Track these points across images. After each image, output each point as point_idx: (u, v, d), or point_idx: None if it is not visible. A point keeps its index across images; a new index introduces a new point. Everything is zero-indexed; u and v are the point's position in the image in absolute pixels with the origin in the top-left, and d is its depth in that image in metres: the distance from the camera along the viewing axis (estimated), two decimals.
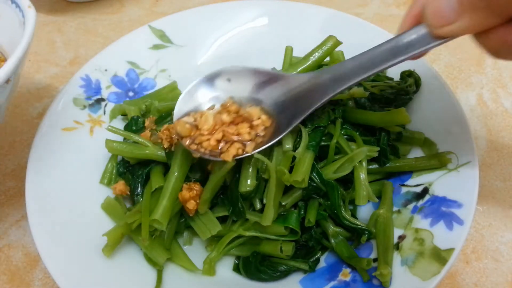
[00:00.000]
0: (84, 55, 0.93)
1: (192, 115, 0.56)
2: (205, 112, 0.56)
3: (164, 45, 0.79)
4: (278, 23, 0.80)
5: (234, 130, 0.53)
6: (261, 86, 0.58)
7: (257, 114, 0.55)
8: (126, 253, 0.57)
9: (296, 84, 0.56)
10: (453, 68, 0.85)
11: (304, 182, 0.52)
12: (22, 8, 0.59)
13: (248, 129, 0.53)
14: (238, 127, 0.54)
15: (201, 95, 0.58)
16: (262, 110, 0.56)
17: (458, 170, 0.56)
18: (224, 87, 0.59)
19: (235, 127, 0.53)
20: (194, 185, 0.55)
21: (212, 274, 0.57)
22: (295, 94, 0.56)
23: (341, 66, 0.53)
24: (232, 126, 0.53)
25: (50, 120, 0.65)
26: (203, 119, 0.54)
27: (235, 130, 0.53)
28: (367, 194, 0.55)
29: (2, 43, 0.63)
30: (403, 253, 0.52)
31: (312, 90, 0.55)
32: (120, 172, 0.64)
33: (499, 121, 0.76)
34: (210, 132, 0.53)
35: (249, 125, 0.54)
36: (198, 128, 0.54)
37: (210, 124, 0.53)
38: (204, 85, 0.59)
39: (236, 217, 0.56)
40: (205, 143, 0.52)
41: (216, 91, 0.59)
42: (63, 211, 0.58)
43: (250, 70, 0.59)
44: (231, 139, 0.52)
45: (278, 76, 0.58)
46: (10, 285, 0.61)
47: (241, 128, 0.53)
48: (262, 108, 0.56)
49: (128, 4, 1.05)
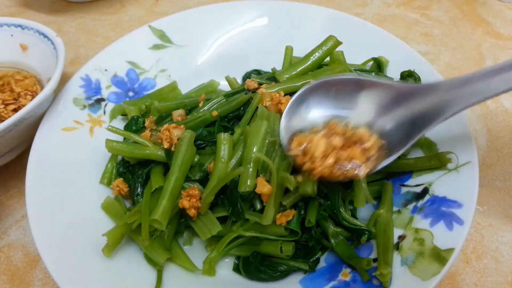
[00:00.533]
0: (84, 55, 0.93)
1: (296, 138, 0.53)
2: (313, 136, 0.52)
3: (164, 45, 0.79)
4: (278, 23, 0.80)
5: (347, 155, 0.50)
6: (368, 100, 0.54)
7: (367, 136, 0.51)
8: (126, 253, 0.57)
9: (411, 97, 0.51)
10: (453, 68, 0.85)
11: (313, 192, 0.52)
12: (50, 37, 0.74)
13: (361, 153, 0.50)
14: (350, 151, 0.50)
15: (304, 113, 0.56)
16: (370, 129, 0.52)
17: (458, 170, 0.56)
18: (327, 103, 0.55)
19: (347, 151, 0.50)
20: (193, 190, 0.55)
21: (212, 274, 0.57)
22: (409, 109, 0.52)
23: (470, 81, 0.49)
24: (344, 151, 0.50)
25: (50, 120, 0.65)
26: (314, 145, 0.51)
27: (348, 154, 0.50)
28: (365, 196, 0.55)
29: (35, 66, 0.77)
30: (403, 253, 0.52)
31: (432, 104, 0.50)
32: (120, 172, 0.64)
33: (499, 121, 0.76)
34: (322, 157, 0.50)
35: (361, 148, 0.50)
36: (307, 153, 0.51)
37: (322, 149, 0.50)
38: (305, 101, 0.56)
39: (236, 218, 0.56)
40: (317, 170, 0.50)
41: (319, 109, 0.55)
42: (63, 211, 0.58)
43: (356, 81, 0.54)
44: (345, 165, 0.49)
45: (386, 86, 0.53)
46: (10, 285, 0.61)
47: (354, 152, 0.50)
48: (371, 127, 0.52)
49: (128, 4, 1.05)
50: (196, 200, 0.55)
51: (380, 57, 0.71)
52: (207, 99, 0.66)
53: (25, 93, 0.73)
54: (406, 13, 0.98)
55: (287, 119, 0.56)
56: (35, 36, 0.76)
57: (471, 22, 0.94)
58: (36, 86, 0.75)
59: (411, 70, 0.67)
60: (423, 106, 0.51)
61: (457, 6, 0.99)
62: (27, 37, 0.77)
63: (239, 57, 0.79)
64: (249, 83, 0.65)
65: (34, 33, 0.76)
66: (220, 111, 0.62)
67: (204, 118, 0.62)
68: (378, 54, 0.71)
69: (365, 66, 0.72)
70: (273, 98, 0.60)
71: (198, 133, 0.61)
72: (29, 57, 0.78)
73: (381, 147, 0.52)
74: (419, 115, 0.51)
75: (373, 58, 0.71)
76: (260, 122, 0.56)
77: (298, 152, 0.52)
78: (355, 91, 0.55)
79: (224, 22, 0.80)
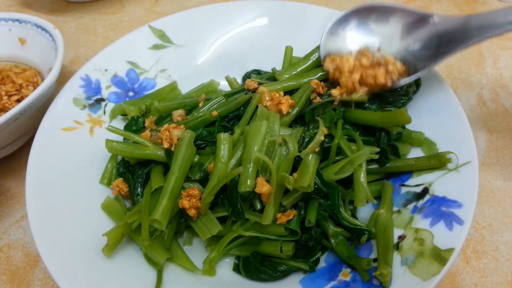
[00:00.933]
0: (84, 55, 0.93)
1: (331, 56, 0.63)
2: (344, 56, 0.62)
3: (164, 45, 0.79)
4: (278, 23, 0.80)
5: (371, 73, 0.59)
6: (398, 26, 0.62)
7: (392, 60, 0.61)
8: (126, 253, 0.57)
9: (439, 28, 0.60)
10: (453, 68, 0.85)
11: (310, 187, 0.52)
12: (48, 30, 0.76)
13: (384, 72, 0.59)
14: (375, 70, 0.59)
15: (341, 36, 0.66)
16: (396, 56, 0.62)
17: (458, 170, 0.56)
18: (363, 29, 0.64)
19: (372, 71, 0.59)
20: (193, 190, 0.55)
21: (212, 274, 0.57)
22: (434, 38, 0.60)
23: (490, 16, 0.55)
24: (369, 70, 0.59)
25: (50, 120, 0.65)
26: (345, 60, 0.61)
27: (373, 73, 0.59)
28: (365, 196, 0.55)
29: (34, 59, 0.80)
30: (403, 253, 0.52)
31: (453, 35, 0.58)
32: (120, 172, 0.64)
33: (499, 121, 0.76)
34: (349, 72, 0.60)
35: (385, 70, 0.60)
36: (337, 69, 0.61)
37: (351, 65, 0.60)
38: (345, 24, 0.65)
39: (235, 218, 0.56)
40: (343, 82, 0.60)
41: (355, 34, 0.65)
42: (63, 211, 0.58)
43: (390, 9, 0.63)
44: (368, 81, 0.59)
45: (419, 16, 0.61)
46: (10, 285, 0.61)
47: (378, 71, 0.59)
48: (397, 54, 0.62)
49: (128, 4, 1.05)
50: (196, 200, 0.55)
51: None
52: (207, 99, 0.66)
53: (27, 84, 0.75)
54: None
55: (326, 37, 0.65)
56: (33, 30, 0.78)
57: None
58: (37, 77, 0.77)
59: None
60: (445, 31, 0.59)
61: (457, 6, 0.99)
62: (25, 31, 0.79)
63: (239, 57, 0.79)
64: (249, 83, 0.65)
65: (32, 26, 0.78)
66: (220, 111, 0.62)
67: (204, 118, 0.62)
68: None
69: None
70: (273, 98, 0.60)
71: (198, 133, 0.61)
72: (27, 50, 0.80)
73: (404, 71, 0.61)
74: (441, 39, 0.59)
75: None
76: (260, 122, 0.56)
77: (330, 67, 0.62)
78: (387, 18, 0.63)
79: (224, 22, 0.81)
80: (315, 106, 0.61)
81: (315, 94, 0.62)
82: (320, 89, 0.62)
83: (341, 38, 0.65)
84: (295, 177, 0.53)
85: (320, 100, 0.61)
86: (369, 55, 0.62)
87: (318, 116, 0.59)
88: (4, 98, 0.72)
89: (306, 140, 0.57)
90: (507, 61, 0.85)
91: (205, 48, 0.80)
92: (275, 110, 0.59)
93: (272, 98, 0.60)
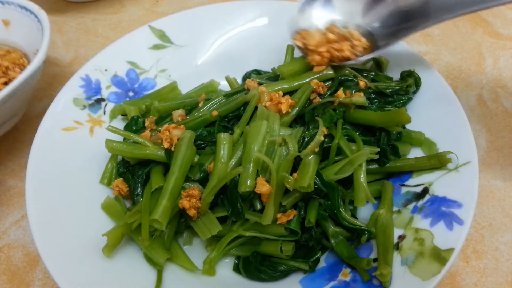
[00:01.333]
0: (84, 55, 0.93)
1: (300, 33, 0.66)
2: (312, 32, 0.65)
3: (164, 45, 0.79)
4: (278, 23, 0.80)
5: (337, 47, 0.62)
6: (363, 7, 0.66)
7: (357, 35, 0.64)
8: (126, 253, 0.57)
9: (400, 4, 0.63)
10: (453, 68, 0.85)
11: (310, 187, 0.52)
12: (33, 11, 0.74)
13: (349, 47, 0.62)
14: (341, 44, 0.62)
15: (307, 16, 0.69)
16: (361, 33, 0.65)
17: (458, 170, 0.56)
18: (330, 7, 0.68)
19: (338, 44, 0.62)
20: (193, 190, 0.55)
21: (212, 274, 0.57)
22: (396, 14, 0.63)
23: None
24: (335, 44, 0.62)
25: (50, 120, 0.65)
26: (311, 36, 0.64)
27: (339, 46, 0.62)
28: (365, 196, 0.55)
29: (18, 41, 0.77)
30: (403, 253, 0.52)
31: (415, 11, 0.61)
32: (120, 172, 0.64)
33: (499, 121, 0.76)
34: (316, 47, 0.62)
35: (351, 44, 0.62)
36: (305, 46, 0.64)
37: (316, 40, 0.63)
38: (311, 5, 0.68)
39: (235, 218, 0.56)
40: (310, 56, 0.63)
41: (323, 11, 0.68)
42: (63, 211, 0.58)
43: None
44: (335, 54, 0.61)
45: None
46: (10, 285, 0.61)
47: (344, 46, 0.61)
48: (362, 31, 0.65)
49: (128, 4, 1.05)
50: (196, 201, 0.55)
51: (380, 57, 0.71)
52: (207, 99, 0.66)
53: (13, 66, 0.73)
54: None
55: (297, 15, 0.68)
56: (17, 11, 0.76)
57: (471, 22, 0.94)
58: (23, 59, 0.76)
59: (411, 70, 0.67)
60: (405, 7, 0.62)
61: None
62: (8, 12, 0.77)
63: (239, 57, 0.79)
64: (249, 83, 0.65)
65: (16, 7, 0.76)
66: (220, 111, 0.62)
67: (204, 118, 0.62)
68: (378, 54, 0.71)
69: (365, 66, 0.72)
70: (273, 98, 0.60)
71: (198, 133, 0.61)
72: (12, 32, 0.78)
73: (369, 46, 0.64)
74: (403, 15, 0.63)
75: (373, 58, 0.71)
76: (260, 122, 0.56)
77: (299, 43, 0.65)
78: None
79: (224, 22, 0.81)
80: (315, 106, 0.61)
81: (315, 94, 0.62)
82: (320, 89, 0.62)
83: (309, 16, 0.68)
84: (295, 177, 0.53)
85: (320, 100, 0.61)
86: (335, 30, 0.65)
87: (318, 116, 0.59)
88: None
89: (306, 140, 0.57)
90: (507, 61, 0.85)
91: (205, 48, 0.80)
92: (275, 110, 0.59)
93: (272, 98, 0.60)
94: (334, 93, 0.61)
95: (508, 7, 0.97)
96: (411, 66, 0.68)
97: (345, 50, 0.61)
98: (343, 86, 0.63)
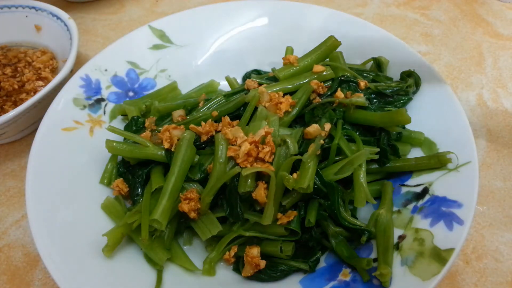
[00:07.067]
0: (84, 55, 0.93)
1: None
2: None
3: (164, 45, 0.79)
4: (278, 23, 0.80)
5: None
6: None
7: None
8: (126, 253, 0.57)
9: None
10: (453, 68, 0.85)
11: (309, 188, 0.52)
12: (63, 19, 0.82)
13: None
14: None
15: None
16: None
17: (458, 170, 0.56)
18: None
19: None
20: (191, 193, 0.55)
21: (212, 274, 0.57)
22: None
23: None
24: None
25: (50, 120, 0.65)
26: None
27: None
28: (365, 196, 0.55)
29: (49, 45, 0.86)
30: (403, 253, 0.52)
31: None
32: (120, 172, 0.64)
33: (499, 121, 0.76)
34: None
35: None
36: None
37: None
38: None
39: (234, 219, 0.56)
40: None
41: None
42: (63, 211, 0.58)
43: None
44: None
45: None
46: (10, 285, 0.61)
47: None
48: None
49: (128, 4, 1.05)
50: (195, 203, 0.55)
51: (380, 57, 0.71)
52: (207, 99, 0.66)
53: (44, 67, 0.81)
54: (406, 13, 0.98)
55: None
56: (48, 18, 0.83)
57: (471, 22, 0.94)
58: (53, 60, 0.83)
59: (411, 70, 0.67)
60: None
61: (457, 6, 0.99)
62: (41, 18, 0.84)
63: (239, 57, 0.79)
64: (249, 83, 0.65)
65: (48, 14, 0.83)
66: (220, 111, 0.62)
67: (204, 118, 0.62)
68: (378, 54, 0.71)
69: (365, 66, 0.72)
70: (273, 99, 0.60)
71: None
72: (43, 37, 0.85)
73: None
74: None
75: (373, 58, 0.71)
76: (259, 123, 0.56)
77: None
78: None
79: (224, 22, 0.80)
80: (315, 106, 0.61)
81: (315, 94, 0.62)
82: (320, 89, 0.62)
83: None
84: (295, 177, 0.53)
85: (320, 100, 0.61)
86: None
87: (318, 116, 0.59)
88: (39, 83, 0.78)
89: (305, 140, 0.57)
90: (507, 61, 0.86)
91: (205, 48, 0.80)
92: (275, 110, 0.59)
93: (271, 98, 0.60)
94: (334, 93, 0.61)
95: (508, 7, 0.97)
96: (411, 66, 0.68)
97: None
98: (343, 87, 0.63)
